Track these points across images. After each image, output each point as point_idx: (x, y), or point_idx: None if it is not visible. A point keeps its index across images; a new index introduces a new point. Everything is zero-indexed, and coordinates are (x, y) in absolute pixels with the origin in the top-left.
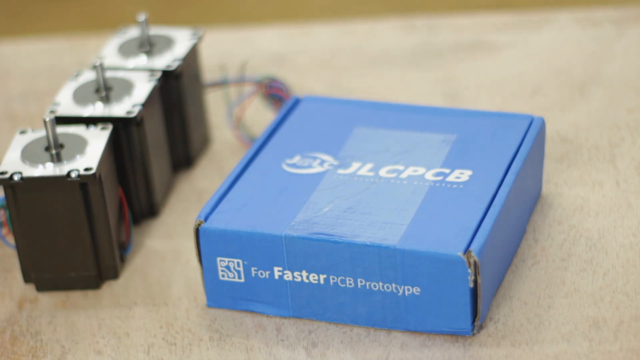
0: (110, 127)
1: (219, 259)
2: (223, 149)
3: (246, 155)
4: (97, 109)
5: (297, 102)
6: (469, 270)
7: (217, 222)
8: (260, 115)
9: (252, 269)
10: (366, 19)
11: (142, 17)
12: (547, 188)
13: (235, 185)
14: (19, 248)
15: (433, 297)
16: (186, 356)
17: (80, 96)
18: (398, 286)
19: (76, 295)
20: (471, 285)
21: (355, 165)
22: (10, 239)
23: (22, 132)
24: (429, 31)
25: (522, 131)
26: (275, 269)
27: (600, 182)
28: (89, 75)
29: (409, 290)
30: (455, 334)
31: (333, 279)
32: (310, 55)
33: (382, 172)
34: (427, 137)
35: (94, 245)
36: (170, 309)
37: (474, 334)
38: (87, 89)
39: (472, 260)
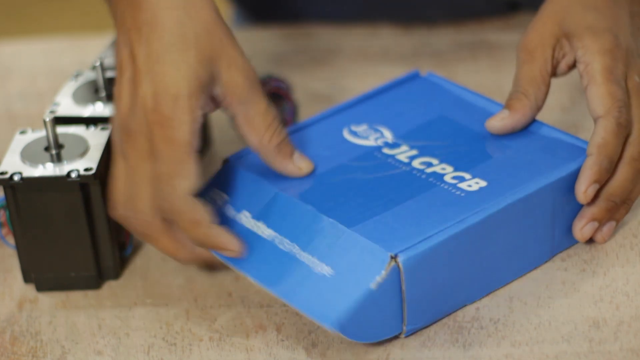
0: (110, 127)
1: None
2: (223, 149)
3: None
4: (97, 109)
5: (416, 76)
6: (382, 272)
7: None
8: None
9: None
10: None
11: None
12: None
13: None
14: (19, 248)
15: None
16: (186, 356)
17: (80, 96)
18: (316, 260)
19: (76, 295)
20: (373, 287)
21: (403, 148)
22: (10, 239)
23: (22, 132)
24: (428, 31)
25: (568, 164)
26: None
27: None
28: (89, 75)
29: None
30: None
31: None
32: (310, 55)
33: (416, 162)
34: (489, 144)
35: (94, 245)
36: (170, 309)
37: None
38: (87, 89)
39: (392, 265)
